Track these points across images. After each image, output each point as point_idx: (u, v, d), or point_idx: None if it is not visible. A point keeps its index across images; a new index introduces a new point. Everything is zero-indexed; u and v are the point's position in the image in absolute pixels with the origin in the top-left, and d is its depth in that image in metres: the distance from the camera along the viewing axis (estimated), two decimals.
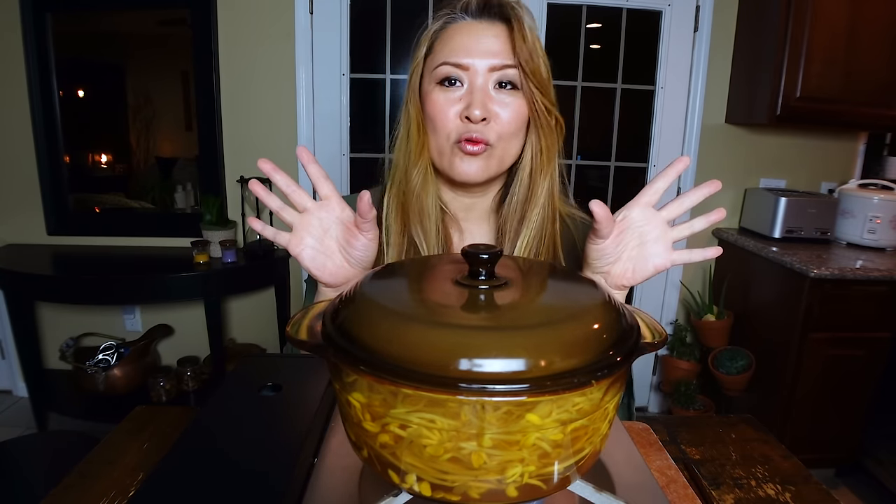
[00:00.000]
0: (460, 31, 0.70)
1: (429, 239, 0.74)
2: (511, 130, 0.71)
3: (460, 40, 0.70)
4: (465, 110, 0.69)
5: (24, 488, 1.04)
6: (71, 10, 2.03)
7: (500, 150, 0.72)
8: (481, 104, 0.68)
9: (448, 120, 0.70)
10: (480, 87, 0.69)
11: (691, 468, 0.66)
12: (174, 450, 0.41)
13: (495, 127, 0.70)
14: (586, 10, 2.09)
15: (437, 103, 0.70)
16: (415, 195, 0.74)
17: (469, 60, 0.69)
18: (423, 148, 0.74)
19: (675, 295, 2.33)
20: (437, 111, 0.70)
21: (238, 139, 2.12)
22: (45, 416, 2.08)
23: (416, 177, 0.74)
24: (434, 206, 0.75)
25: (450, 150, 0.71)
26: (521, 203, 0.76)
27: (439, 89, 0.70)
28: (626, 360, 0.34)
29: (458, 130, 0.70)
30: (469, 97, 0.69)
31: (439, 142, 0.72)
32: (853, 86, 1.92)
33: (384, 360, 0.32)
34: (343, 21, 2.04)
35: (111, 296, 1.96)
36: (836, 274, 1.70)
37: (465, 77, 0.70)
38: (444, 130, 0.71)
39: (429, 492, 0.34)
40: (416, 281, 0.43)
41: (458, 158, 0.71)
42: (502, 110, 0.70)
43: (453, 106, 0.70)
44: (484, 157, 0.71)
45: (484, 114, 0.68)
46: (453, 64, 0.69)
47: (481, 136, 0.69)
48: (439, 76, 0.70)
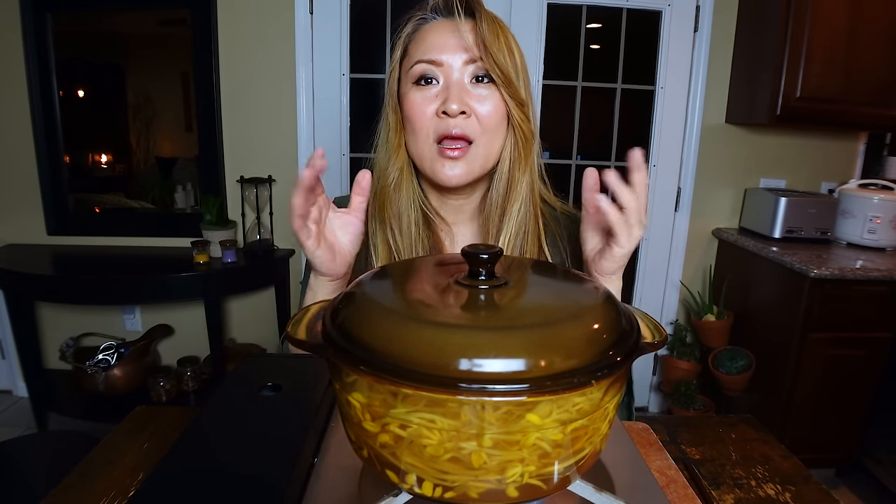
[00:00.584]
0: (432, 31, 0.71)
1: (403, 238, 0.74)
2: (492, 124, 0.71)
3: (433, 38, 0.71)
4: (441, 105, 0.69)
5: (24, 488, 1.04)
6: (71, 10, 2.03)
7: (483, 148, 0.72)
8: (458, 98, 0.68)
9: (426, 118, 0.70)
10: (456, 81, 0.69)
11: (691, 468, 0.66)
12: (174, 450, 0.41)
13: (475, 121, 0.70)
14: (586, 10, 2.08)
15: (414, 103, 0.71)
16: (389, 194, 0.75)
17: (443, 56, 0.69)
18: (399, 148, 0.75)
19: (675, 295, 2.33)
20: (414, 110, 0.71)
21: (238, 139, 2.12)
22: (45, 416, 2.08)
23: (392, 174, 0.75)
24: (411, 206, 0.75)
25: (431, 153, 0.71)
26: (501, 197, 0.76)
27: (415, 89, 0.71)
28: (626, 360, 0.34)
29: (437, 128, 0.70)
30: (445, 92, 0.69)
31: (419, 144, 0.72)
32: (853, 86, 1.92)
33: (384, 360, 0.32)
34: (343, 21, 2.04)
35: (111, 296, 1.95)
36: (836, 274, 1.70)
37: (440, 74, 0.70)
38: (422, 130, 0.71)
39: (429, 492, 0.34)
40: (415, 281, 0.43)
41: (440, 164, 0.71)
42: (481, 105, 0.70)
43: (430, 104, 0.70)
44: (467, 161, 0.71)
45: (461, 107, 0.68)
46: (427, 61, 0.70)
47: (461, 132, 0.69)
48: (415, 75, 0.71)
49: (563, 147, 2.19)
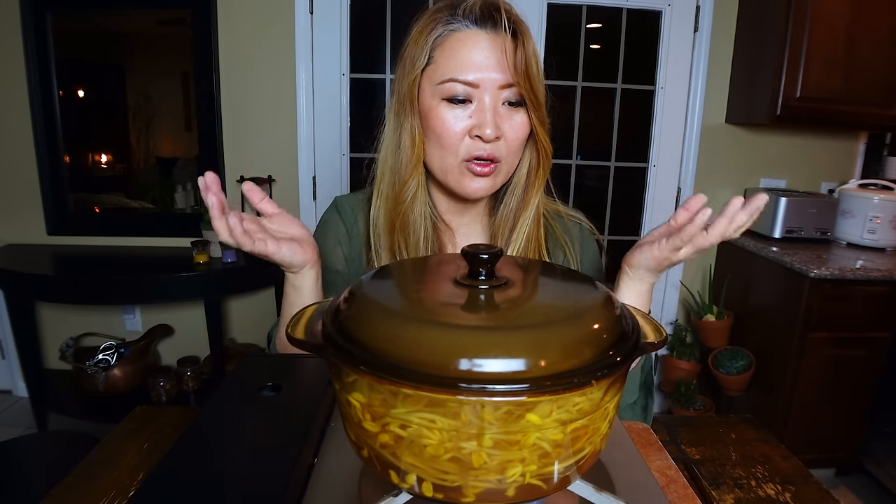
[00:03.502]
0: (466, 43, 0.67)
1: (410, 251, 0.74)
2: (517, 146, 0.71)
3: (468, 54, 0.66)
4: (476, 129, 0.67)
5: (24, 488, 1.04)
6: (71, 10, 2.03)
7: (508, 165, 0.72)
8: (493, 124, 0.66)
9: (457, 137, 0.68)
10: (490, 105, 0.67)
11: (691, 468, 0.66)
12: (174, 450, 0.41)
13: (503, 143, 0.69)
14: (586, 10, 2.08)
15: (445, 121, 0.68)
16: (402, 210, 0.73)
17: (479, 77, 0.66)
18: (419, 162, 0.72)
19: (675, 295, 2.33)
20: (445, 129, 0.68)
21: (238, 139, 2.12)
22: (45, 416, 2.08)
23: (408, 191, 0.72)
24: (421, 219, 0.74)
25: (459, 169, 0.70)
26: (513, 212, 0.76)
27: (446, 106, 0.68)
28: (626, 360, 0.34)
29: (469, 148, 0.69)
30: (480, 115, 0.67)
31: (446, 158, 0.70)
32: (853, 86, 1.92)
33: (384, 360, 0.32)
34: (343, 21, 2.04)
35: (111, 296, 1.95)
36: (836, 274, 1.70)
37: (474, 94, 0.67)
38: (452, 148, 0.69)
39: (429, 492, 0.34)
40: (415, 281, 0.43)
41: (468, 179, 0.70)
42: (511, 128, 0.69)
43: (462, 122, 0.68)
44: (492, 177, 0.71)
45: (496, 133, 0.67)
46: (463, 82, 0.66)
47: (493, 154, 0.68)
48: (447, 93, 0.67)
49: (563, 147, 2.19)
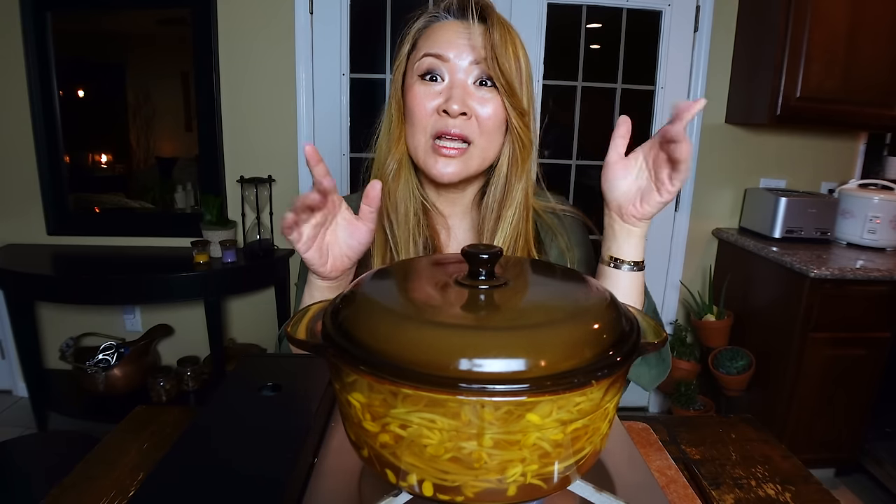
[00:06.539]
0: (443, 28, 0.72)
1: (400, 229, 0.75)
2: (490, 127, 0.72)
3: (442, 35, 0.72)
4: (443, 104, 0.70)
5: (24, 488, 1.04)
6: (71, 10, 2.03)
7: (481, 150, 0.73)
8: (460, 99, 0.69)
9: (426, 113, 0.71)
10: (460, 82, 0.70)
11: (691, 468, 0.66)
12: (174, 450, 0.41)
13: (474, 123, 0.71)
14: (586, 10, 2.08)
15: (417, 95, 0.71)
16: (387, 184, 0.75)
17: (450, 53, 0.70)
18: (400, 140, 0.76)
19: (675, 295, 2.33)
20: (416, 103, 0.71)
21: (238, 139, 2.12)
22: (45, 416, 2.08)
23: (391, 165, 0.75)
24: (409, 196, 0.76)
25: (425, 147, 0.72)
26: (497, 202, 0.77)
27: (420, 82, 0.72)
28: (626, 360, 0.34)
29: (436, 125, 0.71)
30: (448, 91, 0.70)
31: (416, 136, 0.73)
32: (853, 86, 1.92)
33: (384, 360, 0.32)
34: (343, 21, 2.03)
35: (111, 296, 1.95)
36: (836, 274, 1.70)
37: (445, 71, 0.71)
38: (421, 123, 0.71)
39: (429, 492, 0.34)
40: (415, 281, 0.43)
41: (433, 160, 0.72)
42: (482, 107, 0.71)
43: (433, 100, 0.71)
44: (463, 160, 0.72)
45: (462, 108, 0.69)
46: (434, 55, 0.70)
47: (459, 132, 0.70)
48: (421, 69, 0.72)
49: (563, 147, 2.19)
